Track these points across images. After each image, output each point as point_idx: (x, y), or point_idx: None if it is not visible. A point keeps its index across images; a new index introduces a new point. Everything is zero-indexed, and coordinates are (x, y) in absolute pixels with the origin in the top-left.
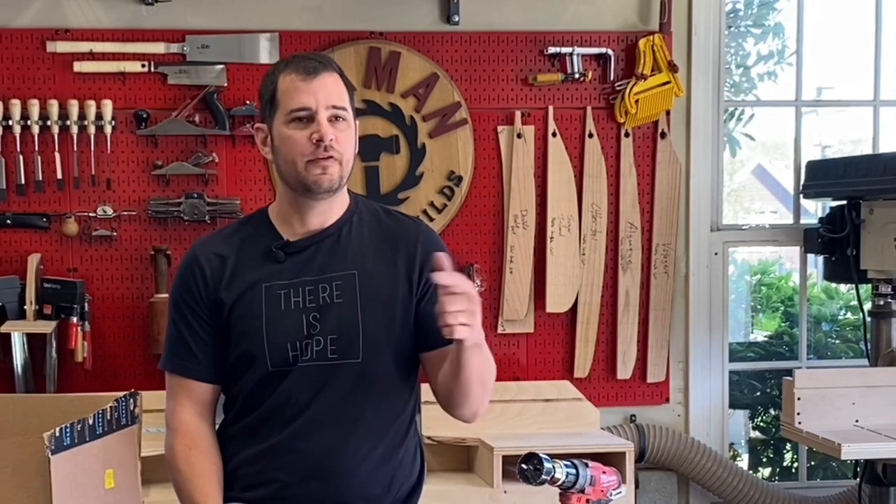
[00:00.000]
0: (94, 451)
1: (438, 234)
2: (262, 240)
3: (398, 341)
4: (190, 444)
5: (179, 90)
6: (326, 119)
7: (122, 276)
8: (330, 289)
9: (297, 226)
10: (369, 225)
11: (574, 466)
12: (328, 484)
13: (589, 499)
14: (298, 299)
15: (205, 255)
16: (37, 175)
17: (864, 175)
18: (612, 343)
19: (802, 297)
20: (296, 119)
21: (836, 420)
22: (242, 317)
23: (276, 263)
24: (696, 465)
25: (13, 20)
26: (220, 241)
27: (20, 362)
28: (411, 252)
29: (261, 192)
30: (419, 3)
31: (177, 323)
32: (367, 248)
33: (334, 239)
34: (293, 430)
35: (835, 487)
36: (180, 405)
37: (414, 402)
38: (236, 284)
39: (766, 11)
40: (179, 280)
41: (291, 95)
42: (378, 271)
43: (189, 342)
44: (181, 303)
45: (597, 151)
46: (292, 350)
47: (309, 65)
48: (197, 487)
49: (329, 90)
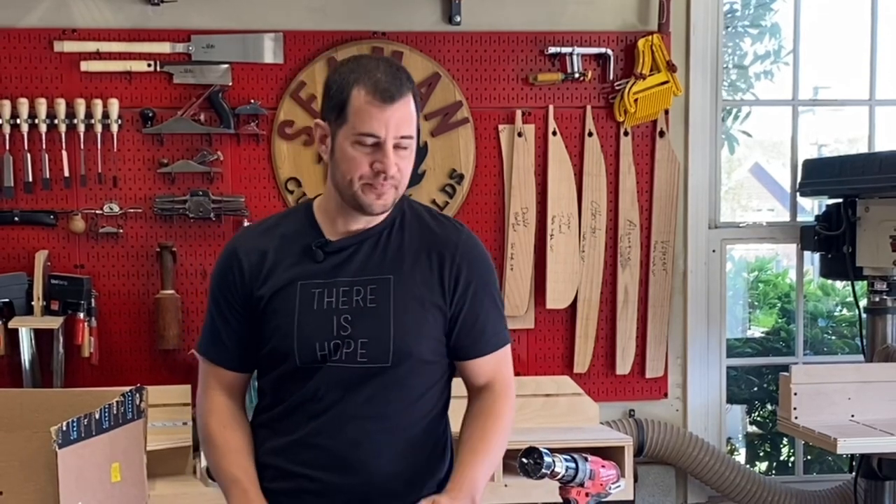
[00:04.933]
0: (101, 445)
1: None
2: (304, 236)
3: (430, 347)
4: (223, 422)
5: (185, 89)
6: (392, 148)
7: (128, 272)
8: (364, 292)
9: (340, 225)
10: (411, 228)
11: (574, 460)
12: (350, 479)
13: (588, 492)
14: (332, 300)
15: (244, 250)
16: (44, 173)
17: (860, 173)
18: (611, 339)
19: (799, 293)
20: (361, 143)
21: (832, 415)
22: (276, 312)
23: (315, 262)
24: (693, 460)
25: (21, 20)
26: (261, 235)
27: (28, 357)
28: (449, 259)
29: (265, 190)
30: (421, 4)
31: (212, 312)
32: (406, 251)
33: (374, 241)
34: (317, 426)
35: (831, 481)
36: (211, 388)
37: (444, 401)
38: (273, 280)
39: (763, 12)
40: (218, 272)
41: (363, 118)
42: (414, 276)
43: (221, 332)
44: (218, 294)
45: (596, 150)
46: (320, 349)
47: (386, 89)
48: (233, 461)
49: (401, 119)
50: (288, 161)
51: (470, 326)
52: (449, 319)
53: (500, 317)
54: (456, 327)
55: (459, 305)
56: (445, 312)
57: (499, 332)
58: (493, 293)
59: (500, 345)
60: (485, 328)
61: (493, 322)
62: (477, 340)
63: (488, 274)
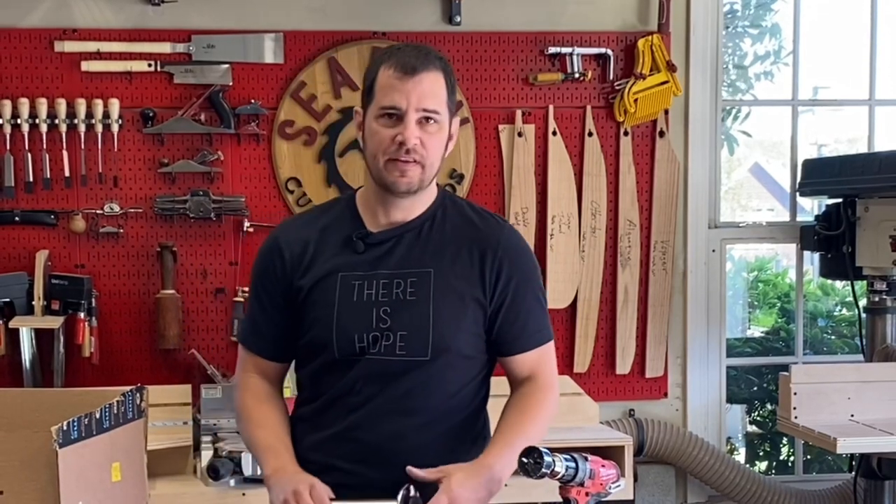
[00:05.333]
0: (101, 444)
1: None
2: (345, 227)
3: (468, 342)
4: (260, 399)
5: (185, 89)
6: (416, 121)
7: (128, 272)
8: (404, 285)
9: (381, 216)
10: (453, 221)
11: (574, 460)
12: (388, 474)
13: (588, 492)
14: (371, 292)
15: (286, 241)
16: (45, 173)
17: (860, 173)
18: (611, 339)
19: (799, 293)
20: (385, 115)
21: (832, 415)
22: (316, 303)
23: (356, 254)
24: (693, 459)
25: (22, 20)
26: (303, 226)
27: (28, 357)
28: (491, 253)
29: (265, 190)
30: (421, 4)
31: (252, 302)
32: (447, 245)
33: (415, 234)
34: (355, 419)
35: (830, 481)
36: (247, 372)
37: (482, 397)
38: (314, 271)
39: (762, 12)
40: (259, 262)
41: (386, 91)
42: (454, 270)
43: (260, 322)
44: (258, 284)
45: (596, 150)
46: (359, 342)
47: (409, 62)
48: (269, 432)
49: (424, 91)
50: (288, 161)
51: (511, 322)
52: (489, 314)
53: (542, 313)
54: (497, 322)
55: (500, 300)
56: (486, 307)
57: (541, 328)
58: (536, 289)
59: (542, 341)
60: (526, 324)
61: (536, 318)
62: (518, 336)
63: (531, 270)
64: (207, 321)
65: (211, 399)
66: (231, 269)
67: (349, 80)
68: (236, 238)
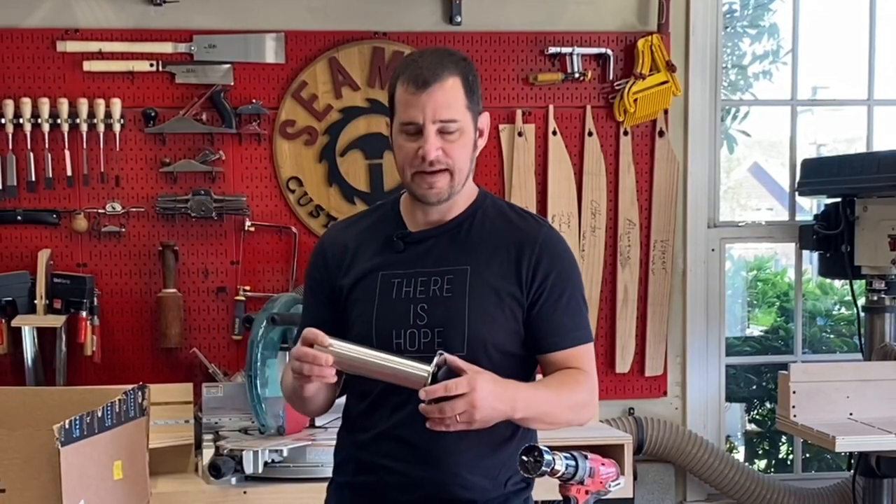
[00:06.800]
0: (103, 442)
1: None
2: (387, 228)
3: (505, 338)
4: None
5: (187, 89)
6: (434, 133)
7: (130, 271)
8: (441, 282)
9: (420, 217)
10: (492, 221)
11: (573, 458)
12: (431, 472)
13: (588, 490)
14: (409, 289)
15: (329, 243)
16: (47, 172)
17: (859, 173)
18: (610, 337)
19: (798, 292)
20: (406, 130)
21: (831, 413)
22: (357, 301)
23: (396, 253)
24: (693, 457)
25: (24, 20)
26: (346, 228)
27: (30, 356)
28: (528, 251)
29: (266, 190)
30: (422, 4)
31: (304, 301)
32: (484, 243)
33: (454, 233)
34: (400, 418)
35: (829, 479)
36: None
37: None
38: (355, 270)
39: (761, 12)
40: (310, 264)
41: (403, 107)
42: (491, 267)
43: (311, 320)
44: (308, 286)
45: (596, 149)
46: (397, 338)
47: (420, 75)
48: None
49: (438, 103)
50: (289, 160)
51: (547, 319)
52: (526, 311)
53: (580, 313)
54: (533, 318)
55: (536, 296)
56: (522, 303)
57: (580, 327)
58: (574, 289)
59: (579, 341)
60: (563, 322)
61: (573, 317)
62: (555, 333)
63: (569, 268)
64: (209, 320)
65: (212, 398)
66: (232, 269)
67: (350, 80)
68: (237, 237)
